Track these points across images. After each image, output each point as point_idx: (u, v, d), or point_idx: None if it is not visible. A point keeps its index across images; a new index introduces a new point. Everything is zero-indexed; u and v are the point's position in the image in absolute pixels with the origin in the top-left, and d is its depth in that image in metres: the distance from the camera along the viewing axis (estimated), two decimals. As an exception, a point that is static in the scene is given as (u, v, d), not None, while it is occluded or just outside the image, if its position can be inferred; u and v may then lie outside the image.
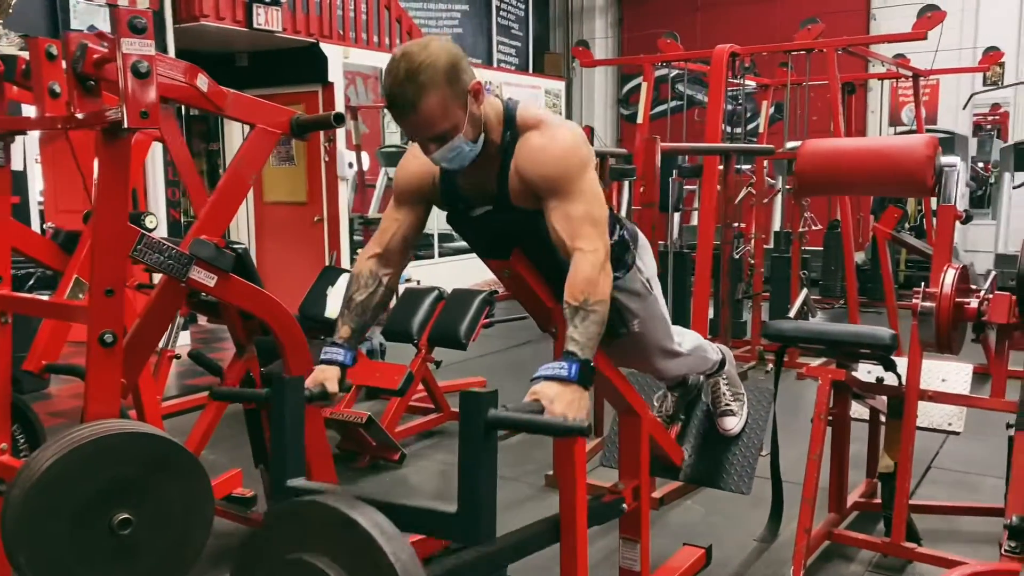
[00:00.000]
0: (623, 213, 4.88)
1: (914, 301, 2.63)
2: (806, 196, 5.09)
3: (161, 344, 4.77)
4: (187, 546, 2.11)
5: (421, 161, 1.96)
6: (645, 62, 6.37)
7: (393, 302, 4.22)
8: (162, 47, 6.22)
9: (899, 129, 9.04)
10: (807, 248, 6.25)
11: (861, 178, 2.93)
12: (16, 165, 5.42)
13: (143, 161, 3.98)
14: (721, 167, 4.69)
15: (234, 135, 7.84)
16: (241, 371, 2.81)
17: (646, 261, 2.16)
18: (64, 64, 2.24)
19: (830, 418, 2.87)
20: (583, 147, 1.85)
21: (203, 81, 2.22)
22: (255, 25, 6.47)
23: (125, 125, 1.95)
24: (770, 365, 5.44)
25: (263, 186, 7.85)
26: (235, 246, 2.65)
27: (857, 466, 3.31)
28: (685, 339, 2.44)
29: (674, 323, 5.81)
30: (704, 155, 4.70)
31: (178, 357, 4.61)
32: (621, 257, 2.07)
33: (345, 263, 7.07)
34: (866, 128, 9.62)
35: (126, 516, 2.01)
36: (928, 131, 8.38)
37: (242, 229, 7.95)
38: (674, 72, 6.91)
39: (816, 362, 4.36)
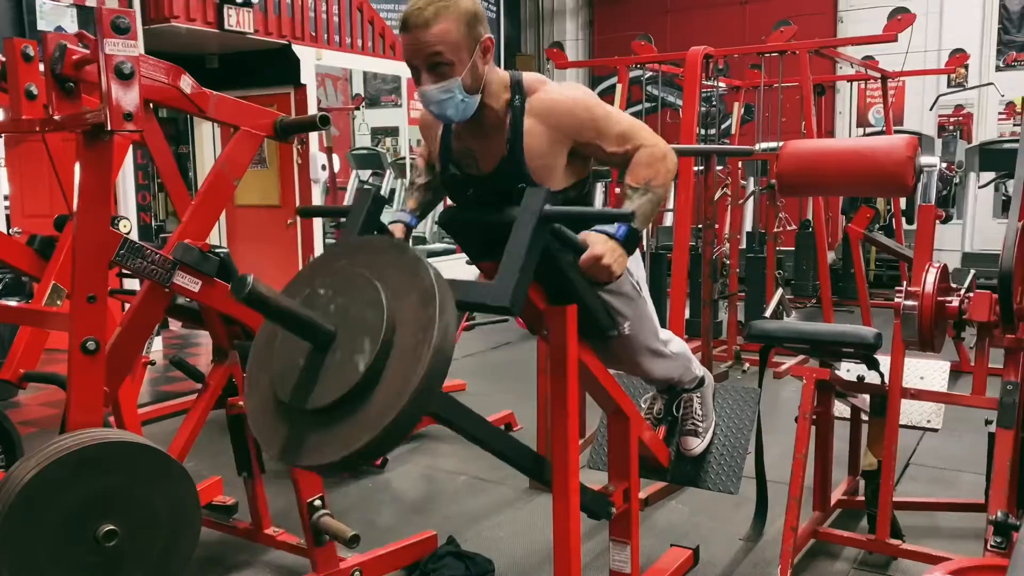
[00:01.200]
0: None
1: (896, 300, 2.65)
2: (787, 196, 5.13)
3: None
4: (174, 555, 2.08)
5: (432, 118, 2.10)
6: (620, 63, 6.39)
7: None
8: (131, 48, 6.13)
9: (867, 130, 9.16)
10: (780, 248, 6.31)
11: (842, 178, 2.96)
12: None
13: (120, 164, 3.90)
14: (700, 168, 4.73)
15: (204, 138, 7.74)
16: (224, 376, 2.77)
17: (635, 263, 2.16)
18: (41, 66, 2.19)
19: (814, 417, 2.89)
20: (588, 89, 2.07)
21: (187, 83, 2.19)
22: (226, 26, 6.39)
23: (108, 128, 1.92)
24: (747, 364, 5.49)
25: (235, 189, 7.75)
26: (218, 251, 2.61)
27: (839, 464, 3.34)
28: (671, 342, 2.45)
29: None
30: (681, 156, 4.71)
31: (152, 363, 4.55)
32: None
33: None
34: (834, 129, 9.73)
35: (111, 528, 1.97)
36: (896, 132, 8.50)
37: (214, 232, 7.84)
38: (648, 74, 6.91)
39: (791, 361, 4.41)
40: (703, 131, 7.06)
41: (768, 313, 5.37)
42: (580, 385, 2.38)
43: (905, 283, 2.71)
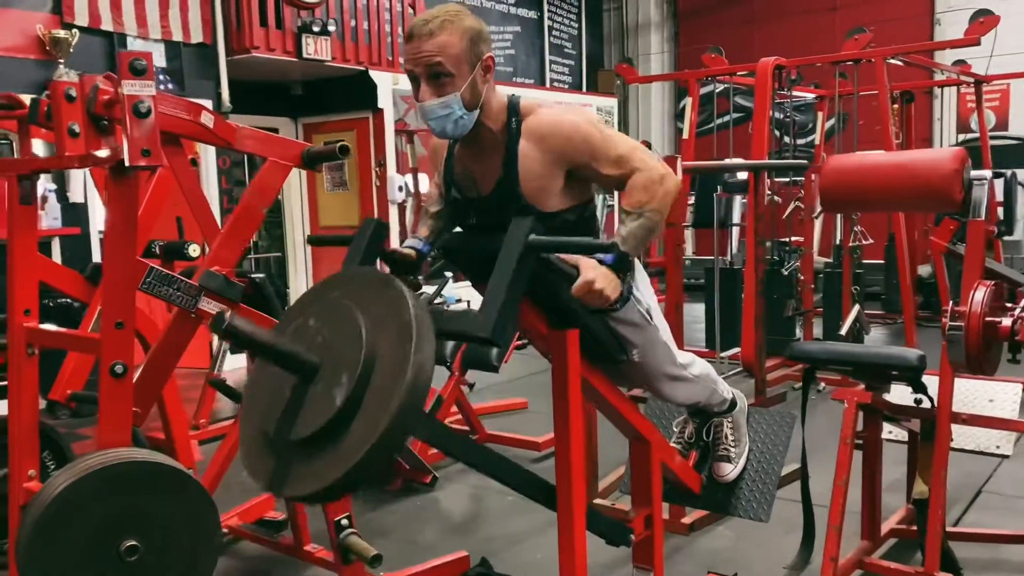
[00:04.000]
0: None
1: (943, 320, 2.53)
2: (831, 213, 4.95)
3: (209, 368, 4.92)
4: (194, 572, 2.15)
5: (440, 142, 2.14)
6: (690, 77, 6.30)
7: None
8: (215, 79, 6.44)
9: (965, 137, 8.73)
10: (866, 262, 6.07)
11: (887, 194, 2.83)
12: (77, 198, 5.69)
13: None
14: (786, 180, 4.60)
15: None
16: (263, 397, 2.86)
17: (643, 291, 2.14)
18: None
19: (859, 442, 2.78)
20: (587, 112, 2.04)
21: (208, 118, 2.29)
22: (305, 55, 6.63)
23: (127, 163, 2.03)
24: (822, 384, 5.30)
25: (318, 211, 8.02)
26: (254, 276, 2.72)
27: (898, 490, 3.19)
28: (694, 366, 2.39)
29: (725, 341, 5.69)
30: (728, 172, 4.63)
31: (223, 380, 4.74)
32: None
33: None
34: (931, 137, 9.31)
35: (133, 543, 2.07)
36: (995, 138, 8.07)
37: (299, 253, 8.13)
38: (720, 87, 6.80)
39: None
40: (789, 141, 6.90)
41: (843, 331, 5.16)
42: (598, 410, 2.37)
43: (952, 302, 2.58)
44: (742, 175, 5.43)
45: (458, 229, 2.26)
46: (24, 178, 2.43)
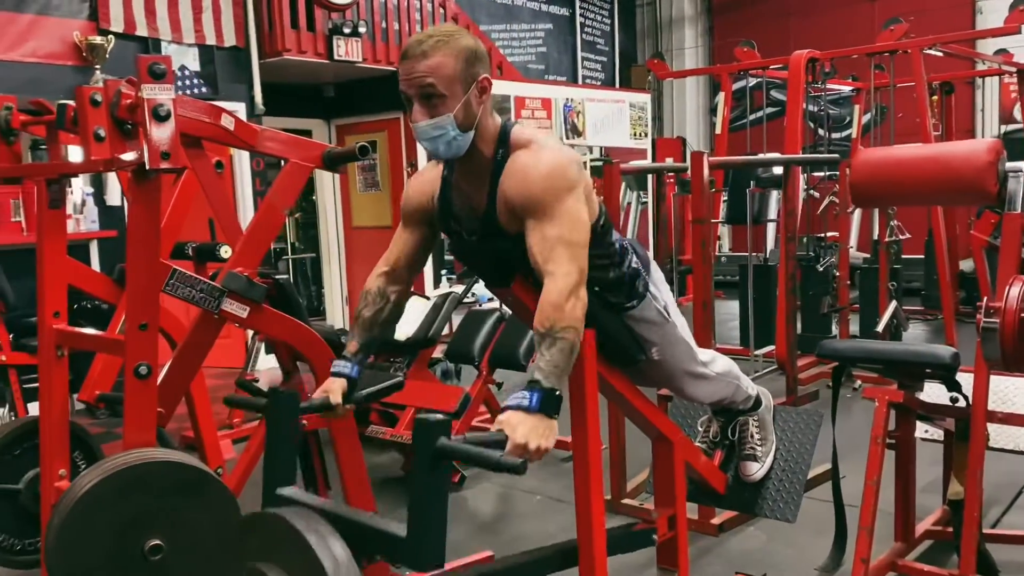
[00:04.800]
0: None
1: (977, 316, 2.46)
2: (863, 207, 4.85)
3: (243, 368, 4.97)
4: (218, 571, 2.17)
5: (425, 179, 2.04)
6: (722, 71, 6.23)
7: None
8: (248, 82, 6.51)
9: (1008, 128, 8.52)
10: (906, 256, 5.95)
11: (919, 187, 2.76)
12: (114, 201, 5.79)
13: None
14: (824, 174, 4.53)
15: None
16: (288, 397, 2.87)
17: (660, 287, 2.11)
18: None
19: (892, 441, 2.72)
20: (570, 170, 1.82)
21: (228, 120, 2.31)
22: (336, 57, 6.68)
23: (147, 167, 2.05)
24: (858, 382, 5.20)
25: (352, 211, 8.08)
26: (278, 277, 2.73)
27: (935, 490, 3.12)
28: (716, 363, 2.36)
29: (759, 338, 5.61)
30: (757, 167, 4.55)
31: (256, 380, 4.79)
32: (633, 286, 2.03)
33: (428, 287, 7.16)
34: (973, 128, 9.10)
35: (157, 542, 2.09)
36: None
37: (333, 253, 8.20)
38: (753, 81, 6.72)
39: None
40: (824, 135, 6.78)
41: (880, 328, 5.07)
42: (621, 410, 2.35)
43: (986, 298, 2.51)
44: (777, 170, 5.36)
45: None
46: (52, 182, 2.47)
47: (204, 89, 6.26)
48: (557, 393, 1.72)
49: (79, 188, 5.66)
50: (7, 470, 2.64)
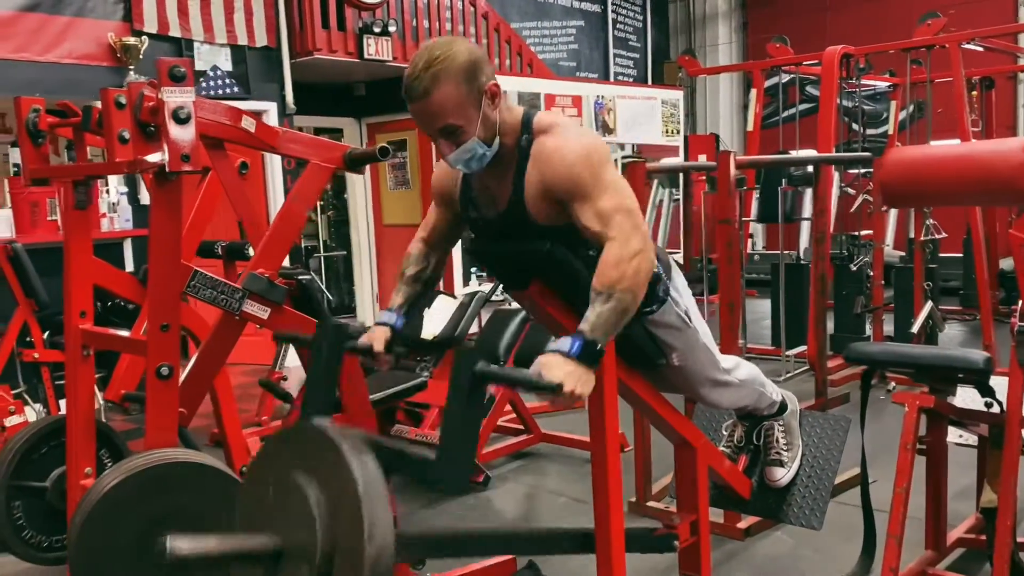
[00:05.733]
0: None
1: (1012, 320, 2.40)
2: (894, 207, 4.75)
3: (271, 366, 5.01)
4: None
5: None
6: (754, 68, 6.15)
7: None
8: (280, 82, 6.56)
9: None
10: (944, 255, 5.83)
11: (952, 187, 2.68)
12: (148, 200, 5.86)
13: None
14: (861, 171, 4.45)
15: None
16: (311, 398, 2.89)
17: (681, 292, 2.07)
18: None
19: (923, 447, 2.66)
20: (600, 146, 1.84)
21: (249, 122, 2.31)
22: (366, 56, 6.69)
23: (168, 169, 2.06)
24: (892, 383, 5.10)
25: (382, 210, 8.10)
26: (301, 277, 2.74)
27: (969, 497, 3.05)
28: (739, 370, 2.32)
29: (791, 338, 5.53)
30: (786, 165, 4.45)
31: (285, 379, 4.83)
32: (654, 290, 1.99)
33: (457, 285, 7.16)
34: (1016, 124, 8.89)
35: (177, 541, 2.10)
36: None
37: (364, 251, 8.23)
38: (787, 77, 6.61)
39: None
40: (859, 130, 6.67)
41: (915, 329, 4.96)
42: (643, 415, 2.32)
43: (1022, 302, 2.45)
44: (809, 167, 5.27)
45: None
46: (79, 184, 2.50)
47: (236, 89, 6.32)
48: (599, 346, 1.71)
49: (114, 188, 5.74)
50: (35, 468, 2.68)
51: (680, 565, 2.36)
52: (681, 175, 3.83)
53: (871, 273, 5.48)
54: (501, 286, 2.13)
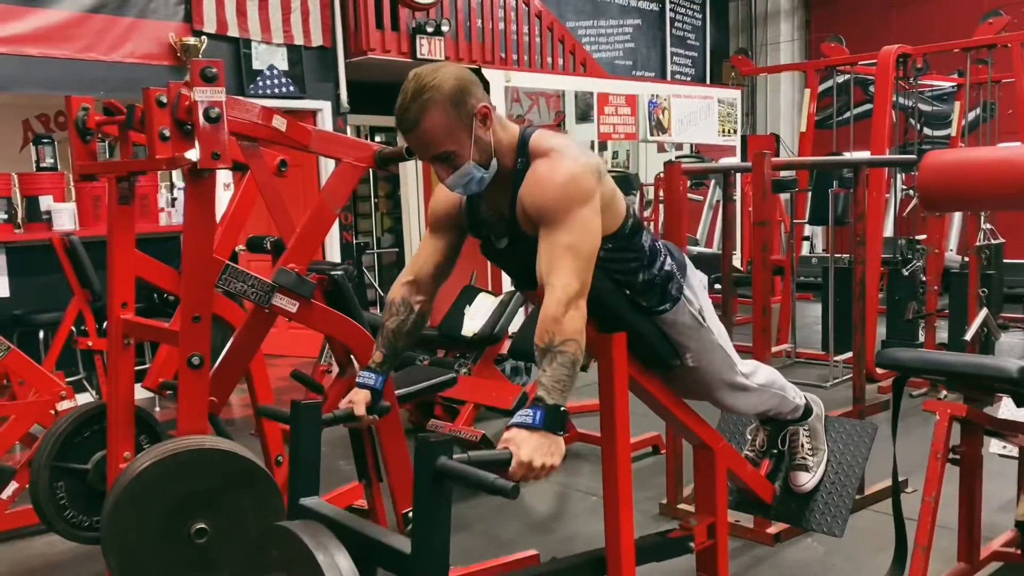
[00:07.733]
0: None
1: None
2: (932, 212, 4.62)
3: (317, 360, 5.11)
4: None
5: None
6: (808, 68, 6.04)
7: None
8: (335, 81, 6.68)
9: None
10: (1008, 261, 5.64)
11: (991, 191, 2.63)
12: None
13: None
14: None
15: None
16: (342, 389, 2.95)
17: (696, 290, 2.06)
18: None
19: (957, 457, 2.60)
20: (585, 180, 1.79)
21: (280, 121, 2.38)
22: (419, 55, 6.78)
23: (199, 166, 2.14)
24: (943, 392, 4.97)
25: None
26: (333, 273, 2.81)
27: (1010, 510, 2.96)
28: (758, 374, 2.29)
29: (839, 343, 5.41)
30: (822, 168, 4.34)
31: (329, 371, 4.93)
32: (665, 289, 2.00)
33: (505, 283, 7.19)
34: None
35: (202, 526, 2.19)
36: None
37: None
38: (842, 77, 6.47)
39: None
40: (919, 131, 6.50)
41: (968, 336, 4.82)
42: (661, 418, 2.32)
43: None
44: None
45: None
46: (122, 180, 2.61)
47: (292, 88, 6.46)
48: (561, 409, 1.69)
49: (176, 183, 5.94)
50: (77, 451, 2.80)
51: (697, 567, 2.35)
52: (722, 176, 3.79)
53: (924, 278, 5.34)
54: (512, 285, 2.12)
